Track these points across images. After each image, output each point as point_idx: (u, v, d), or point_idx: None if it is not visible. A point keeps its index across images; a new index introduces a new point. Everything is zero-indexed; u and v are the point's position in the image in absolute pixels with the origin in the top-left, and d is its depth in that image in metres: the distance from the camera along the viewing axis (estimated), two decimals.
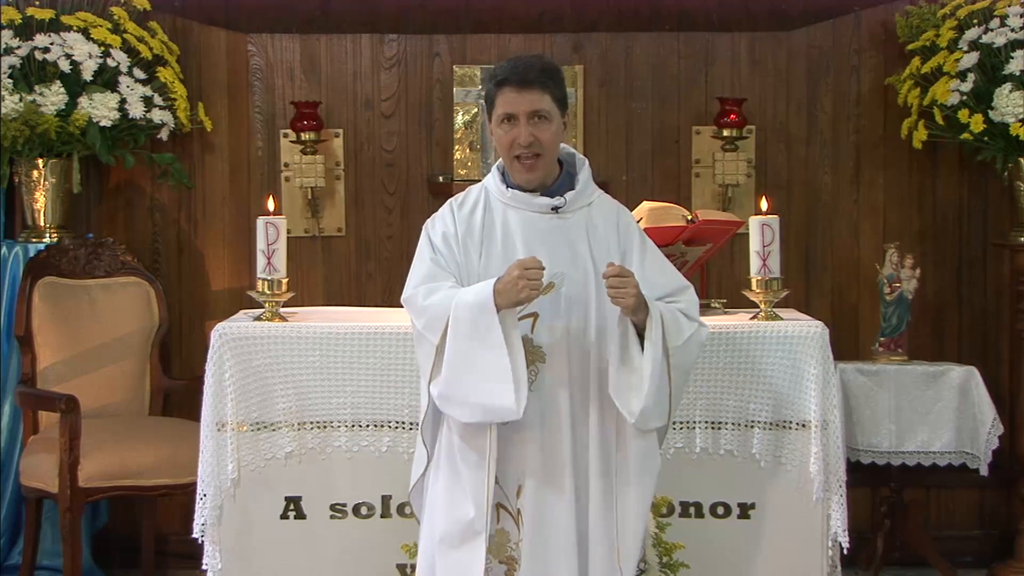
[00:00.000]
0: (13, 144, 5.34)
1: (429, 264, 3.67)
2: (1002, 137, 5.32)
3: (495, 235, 3.67)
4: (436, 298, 3.59)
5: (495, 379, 3.50)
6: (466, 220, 3.69)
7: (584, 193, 3.72)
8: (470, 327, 3.52)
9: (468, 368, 3.53)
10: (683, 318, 3.67)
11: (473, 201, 3.72)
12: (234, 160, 5.82)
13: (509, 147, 3.64)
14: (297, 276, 5.51)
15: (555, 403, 3.61)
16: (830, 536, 4.29)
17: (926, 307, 5.75)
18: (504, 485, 3.63)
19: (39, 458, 5.10)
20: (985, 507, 5.83)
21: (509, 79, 3.62)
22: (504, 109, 3.63)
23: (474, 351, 3.52)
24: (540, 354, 3.61)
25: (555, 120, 3.64)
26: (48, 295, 5.42)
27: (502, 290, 3.50)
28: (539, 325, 3.61)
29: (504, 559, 3.65)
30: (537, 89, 3.62)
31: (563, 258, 3.62)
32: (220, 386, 4.29)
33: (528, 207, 3.68)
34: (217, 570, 4.32)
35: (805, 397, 4.28)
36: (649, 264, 3.71)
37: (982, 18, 5.45)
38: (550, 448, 3.61)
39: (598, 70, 5.78)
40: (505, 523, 3.64)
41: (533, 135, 3.61)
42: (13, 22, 5.46)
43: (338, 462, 4.34)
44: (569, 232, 3.67)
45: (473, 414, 3.56)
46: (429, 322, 3.60)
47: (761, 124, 5.80)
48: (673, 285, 3.73)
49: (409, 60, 5.81)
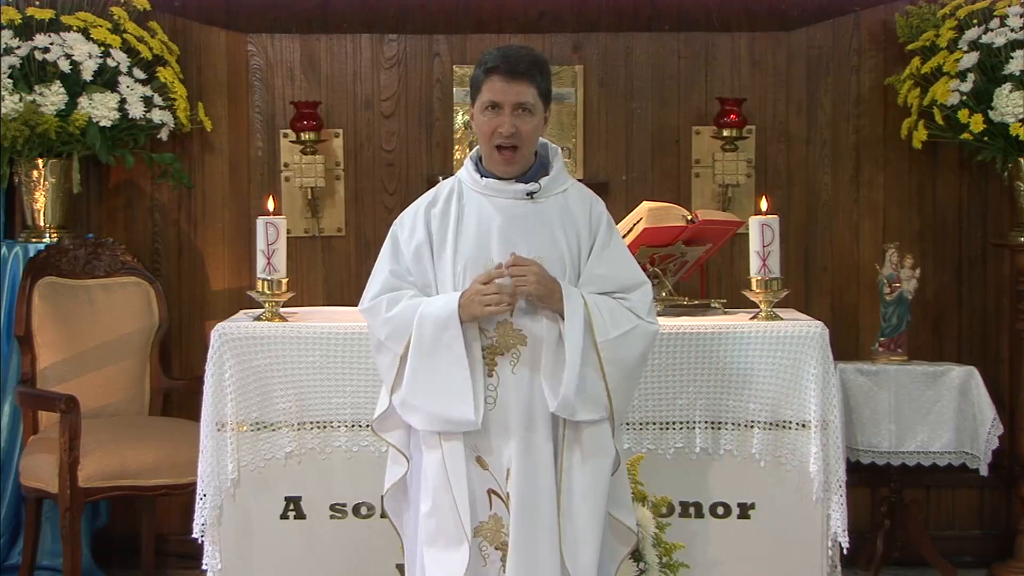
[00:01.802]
0: (13, 144, 5.33)
1: (387, 276, 3.72)
2: (1002, 137, 5.32)
3: (470, 225, 3.69)
4: (399, 309, 3.67)
5: (456, 392, 3.59)
6: (439, 217, 3.72)
7: (558, 180, 3.75)
8: (433, 341, 3.61)
9: (429, 381, 3.62)
10: (621, 312, 3.68)
11: (445, 195, 3.75)
12: (234, 160, 5.82)
13: (490, 135, 3.67)
14: (297, 276, 5.52)
15: (536, 385, 3.64)
16: (830, 536, 4.29)
17: (926, 307, 5.75)
18: (492, 470, 3.65)
19: (39, 458, 5.10)
20: (985, 507, 5.83)
21: (498, 68, 3.65)
22: (490, 97, 3.66)
23: (436, 364, 3.61)
24: (521, 337, 3.65)
25: (538, 114, 3.68)
26: (48, 295, 5.42)
27: (464, 303, 3.59)
28: (518, 309, 3.64)
29: (499, 545, 3.67)
30: (525, 81, 3.65)
31: (539, 242, 3.66)
32: (220, 386, 4.29)
33: (503, 194, 3.71)
34: (217, 570, 4.32)
35: (805, 397, 4.28)
36: (607, 257, 3.73)
37: (982, 18, 5.45)
38: (531, 430, 3.64)
39: (598, 70, 5.78)
40: (497, 508, 3.66)
41: (515, 126, 3.64)
42: (13, 22, 5.45)
43: (338, 462, 4.35)
44: (544, 217, 3.70)
45: (432, 424, 3.64)
46: (393, 332, 3.67)
47: (761, 124, 5.80)
48: (625, 281, 3.74)
49: (409, 60, 5.81)
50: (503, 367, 3.64)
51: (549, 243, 3.68)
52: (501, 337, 3.65)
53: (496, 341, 3.65)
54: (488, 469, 3.65)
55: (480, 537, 3.67)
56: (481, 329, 3.64)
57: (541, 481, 3.64)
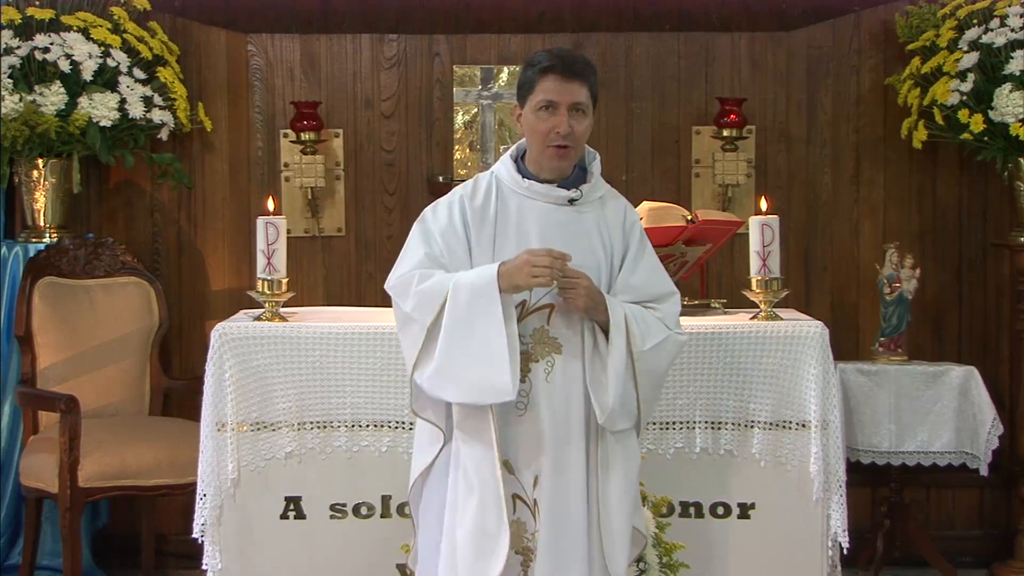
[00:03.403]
0: (13, 144, 5.33)
1: (422, 257, 3.65)
2: (1002, 137, 5.32)
3: (509, 225, 3.65)
4: (431, 282, 3.59)
5: (492, 357, 3.51)
6: (479, 212, 3.66)
7: (597, 186, 3.73)
8: (469, 305, 3.52)
9: (465, 344, 3.53)
10: (655, 323, 3.67)
11: (484, 191, 3.69)
12: (234, 160, 5.82)
13: (546, 135, 3.62)
14: (297, 276, 5.51)
15: (569, 394, 3.62)
16: (830, 536, 4.29)
17: (926, 307, 5.75)
18: (520, 476, 3.63)
19: (39, 458, 5.10)
20: (985, 507, 5.83)
21: (555, 67, 3.61)
22: (546, 96, 3.61)
23: (472, 327, 3.52)
24: (556, 345, 3.63)
25: (589, 115, 3.66)
26: (48, 295, 5.42)
27: (505, 273, 3.52)
28: (555, 316, 3.62)
29: (520, 549, 3.64)
30: (580, 81, 3.63)
31: (579, 249, 3.62)
32: (220, 386, 4.29)
33: (544, 198, 3.67)
34: (217, 570, 4.32)
35: (805, 397, 4.28)
36: (641, 267, 3.73)
37: (982, 18, 5.45)
38: (564, 440, 3.62)
39: (598, 70, 5.73)
40: (521, 513, 3.64)
41: (571, 126, 3.61)
42: (13, 22, 5.45)
43: (338, 462, 4.35)
44: (583, 224, 3.68)
45: (466, 393, 3.56)
46: (420, 303, 3.58)
47: (761, 124, 5.80)
48: (657, 291, 3.73)
49: (409, 60, 5.81)
50: (536, 374, 3.61)
51: (588, 251, 3.65)
52: (537, 344, 3.62)
53: (531, 348, 3.61)
54: (514, 474, 3.62)
55: None
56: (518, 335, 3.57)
57: (573, 490, 3.62)
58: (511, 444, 3.61)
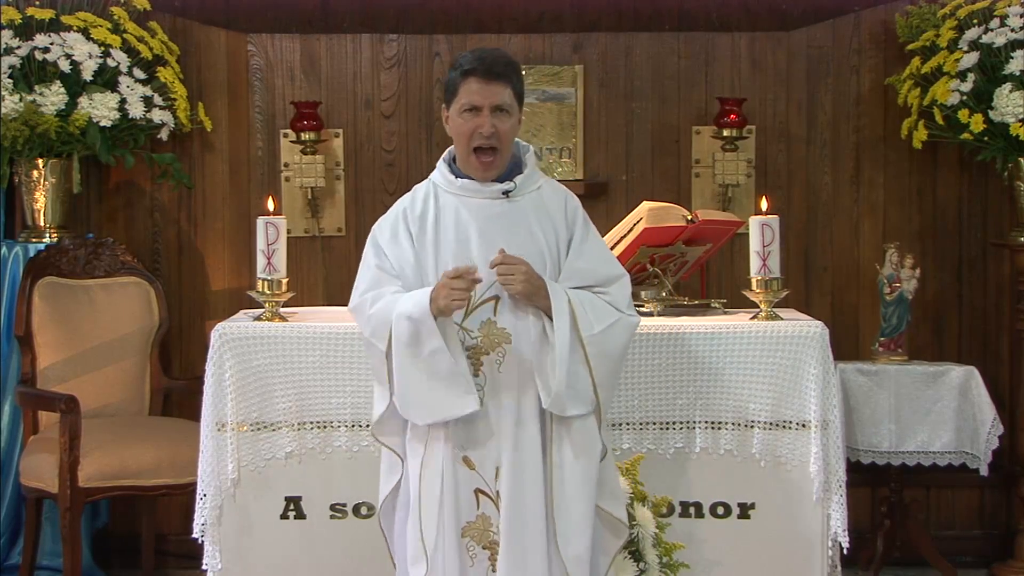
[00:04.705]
0: (13, 144, 5.33)
1: (374, 271, 3.74)
2: (1002, 137, 5.33)
3: (448, 226, 3.71)
4: (379, 306, 3.68)
5: (444, 380, 3.59)
6: (419, 221, 3.74)
7: (532, 177, 3.77)
8: (411, 335, 3.61)
9: (415, 371, 3.62)
10: (603, 306, 3.70)
11: (423, 199, 3.76)
12: (234, 160, 5.82)
13: (469, 136, 3.68)
14: (297, 276, 5.51)
15: (523, 383, 3.66)
16: (830, 536, 4.29)
17: (926, 307, 5.75)
18: (480, 470, 3.66)
19: (39, 458, 5.10)
20: (985, 507, 5.83)
21: (476, 70, 3.66)
22: (469, 99, 3.67)
23: (417, 355, 3.61)
24: (506, 335, 3.66)
25: (514, 115, 3.71)
26: (48, 295, 5.42)
27: (433, 299, 3.59)
28: (501, 307, 3.66)
29: (487, 544, 3.69)
30: (502, 83, 3.67)
31: (519, 239, 3.67)
32: (220, 386, 4.29)
33: (479, 194, 3.73)
34: (217, 570, 4.32)
35: (805, 397, 4.28)
36: (586, 252, 3.75)
37: (982, 18, 5.45)
38: (520, 428, 3.66)
39: (598, 70, 5.78)
40: (486, 508, 3.68)
41: (495, 126, 3.65)
42: (13, 22, 5.45)
43: (338, 462, 4.35)
44: (522, 214, 3.72)
45: (431, 414, 3.65)
46: (375, 330, 3.69)
47: (761, 124, 5.80)
48: (604, 274, 3.76)
49: (409, 60, 5.81)
50: (489, 367, 3.66)
51: (528, 240, 3.69)
52: (486, 337, 3.66)
53: (480, 341, 3.66)
54: (475, 469, 3.66)
55: (468, 537, 3.69)
56: (466, 330, 3.65)
57: (531, 478, 3.65)
58: (470, 439, 3.66)
